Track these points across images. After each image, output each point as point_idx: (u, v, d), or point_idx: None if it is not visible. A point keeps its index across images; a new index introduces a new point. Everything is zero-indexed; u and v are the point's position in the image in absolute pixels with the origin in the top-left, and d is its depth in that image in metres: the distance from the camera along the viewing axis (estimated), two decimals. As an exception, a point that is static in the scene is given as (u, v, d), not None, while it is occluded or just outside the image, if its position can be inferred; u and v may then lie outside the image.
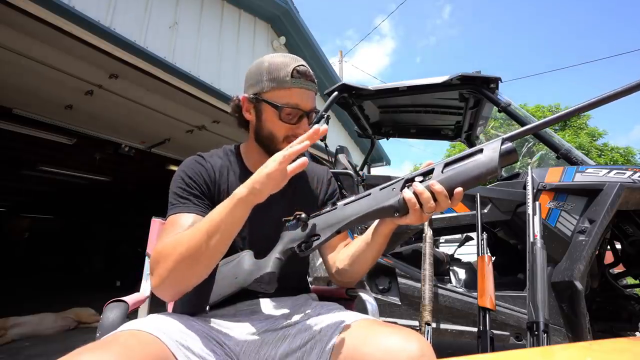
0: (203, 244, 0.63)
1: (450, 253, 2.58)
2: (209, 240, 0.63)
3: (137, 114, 4.39)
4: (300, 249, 0.73)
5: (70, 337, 3.37)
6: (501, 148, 0.61)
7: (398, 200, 0.66)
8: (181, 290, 0.67)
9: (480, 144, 0.64)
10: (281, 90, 0.80)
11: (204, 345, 0.65)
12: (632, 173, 1.69)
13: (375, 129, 2.97)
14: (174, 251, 0.64)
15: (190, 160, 0.85)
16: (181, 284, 0.66)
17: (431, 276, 1.66)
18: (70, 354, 0.50)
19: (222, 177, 0.84)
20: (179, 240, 0.65)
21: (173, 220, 0.74)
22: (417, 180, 0.66)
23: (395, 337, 0.59)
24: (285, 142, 0.81)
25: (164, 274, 0.64)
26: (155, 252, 0.67)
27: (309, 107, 0.82)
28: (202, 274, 0.66)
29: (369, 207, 0.69)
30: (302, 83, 0.80)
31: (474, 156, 0.63)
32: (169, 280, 0.64)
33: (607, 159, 12.26)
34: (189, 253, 0.63)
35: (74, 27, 2.68)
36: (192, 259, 0.63)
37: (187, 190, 0.79)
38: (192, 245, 0.63)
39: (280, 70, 0.80)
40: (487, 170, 0.60)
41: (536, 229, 1.54)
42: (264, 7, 4.86)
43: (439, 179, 0.63)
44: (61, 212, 13.43)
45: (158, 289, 0.66)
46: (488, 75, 2.06)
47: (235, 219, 0.65)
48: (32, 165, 6.47)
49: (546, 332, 1.31)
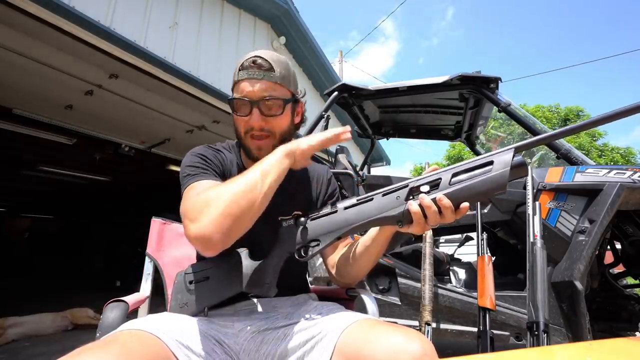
0: (259, 182, 0.66)
1: (450, 253, 2.58)
2: (264, 178, 0.67)
3: (137, 114, 4.39)
4: (299, 254, 0.72)
5: (70, 337, 3.36)
6: (512, 161, 0.58)
7: (402, 212, 0.64)
8: (231, 235, 0.64)
9: (491, 153, 0.61)
10: (234, 86, 0.82)
11: (204, 345, 0.65)
12: (632, 173, 1.69)
13: (375, 129, 2.97)
14: (227, 191, 0.65)
15: (202, 146, 0.86)
16: (235, 223, 0.63)
17: (431, 276, 1.66)
18: (70, 353, 0.50)
19: (232, 170, 0.85)
20: (230, 182, 0.67)
21: (199, 185, 0.72)
22: (423, 189, 0.63)
23: (398, 337, 0.59)
24: (248, 137, 0.82)
25: (216, 212, 0.62)
26: (194, 201, 0.66)
27: (256, 95, 0.79)
28: (255, 212, 0.66)
29: (371, 214, 0.67)
30: (249, 73, 0.79)
31: (483, 168, 0.60)
32: (222, 218, 0.62)
33: (608, 159, 12.25)
34: (248, 187, 0.65)
35: (74, 27, 2.68)
36: (251, 193, 0.65)
37: (206, 165, 0.79)
38: (249, 183, 0.66)
39: (236, 67, 0.82)
40: (496, 186, 0.58)
41: (536, 229, 1.54)
42: (264, 7, 4.85)
43: (447, 191, 0.61)
44: (61, 212, 13.42)
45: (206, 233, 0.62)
46: (488, 75, 2.05)
47: (283, 169, 0.70)
48: (32, 165, 6.47)
49: (546, 332, 1.31)
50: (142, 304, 0.95)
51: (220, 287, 0.75)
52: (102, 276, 9.80)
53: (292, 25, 5.23)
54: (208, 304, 0.75)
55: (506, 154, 0.59)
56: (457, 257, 2.76)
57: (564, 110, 14.21)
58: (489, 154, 0.61)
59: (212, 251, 0.64)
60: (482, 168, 0.60)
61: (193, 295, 0.76)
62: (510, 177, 0.57)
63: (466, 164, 0.62)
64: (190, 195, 0.70)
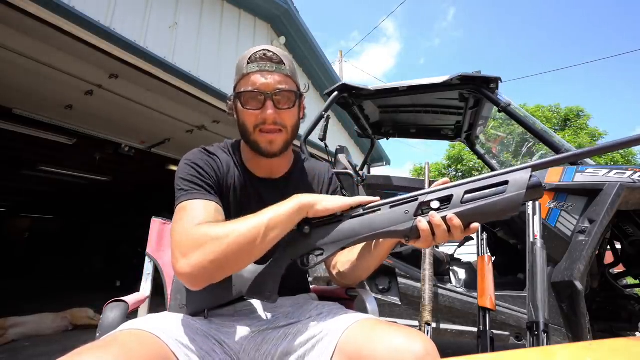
0: (261, 235, 0.63)
1: (450, 253, 2.58)
2: (268, 232, 0.64)
3: (137, 114, 4.39)
4: (302, 262, 0.71)
5: (70, 337, 3.36)
6: (529, 182, 0.55)
7: (411, 228, 0.62)
8: (216, 278, 0.64)
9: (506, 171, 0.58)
10: (242, 80, 0.80)
11: (204, 344, 0.65)
12: (632, 173, 1.69)
13: (375, 129, 2.97)
14: (226, 236, 0.62)
15: (197, 152, 0.83)
16: (224, 270, 0.64)
17: (431, 276, 1.67)
18: (70, 354, 0.50)
19: (229, 172, 0.84)
20: (233, 226, 0.64)
21: (191, 206, 0.71)
22: (433, 206, 0.62)
23: (400, 337, 0.59)
24: (257, 131, 0.80)
25: (209, 257, 0.61)
26: (190, 235, 0.64)
27: (270, 87, 0.77)
28: (247, 263, 0.66)
29: (379, 227, 0.65)
30: (260, 65, 0.78)
31: (498, 187, 0.58)
32: (212, 264, 0.62)
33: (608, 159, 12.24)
34: (246, 240, 0.62)
35: (74, 27, 2.68)
36: (249, 245, 0.63)
37: (199, 179, 0.76)
38: (251, 234, 0.63)
39: (242, 60, 0.81)
40: (510, 209, 0.56)
41: (536, 229, 1.54)
42: (264, 7, 4.86)
43: (458, 211, 0.59)
44: (61, 212, 13.42)
45: (194, 273, 0.62)
46: (488, 75, 2.05)
47: (291, 223, 0.66)
48: (32, 165, 6.47)
49: (546, 332, 1.31)
50: (142, 304, 0.95)
51: (220, 291, 0.74)
52: (102, 276, 9.79)
53: (292, 25, 5.23)
54: (207, 307, 0.75)
55: (523, 173, 0.57)
56: (457, 257, 2.76)
57: (564, 110, 14.21)
58: (504, 171, 0.58)
59: (195, 288, 0.65)
60: (497, 187, 0.58)
61: (192, 297, 0.76)
62: (525, 198, 0.55)
63: (479, 182, 0.60)
64: (185, 222, 0.68)
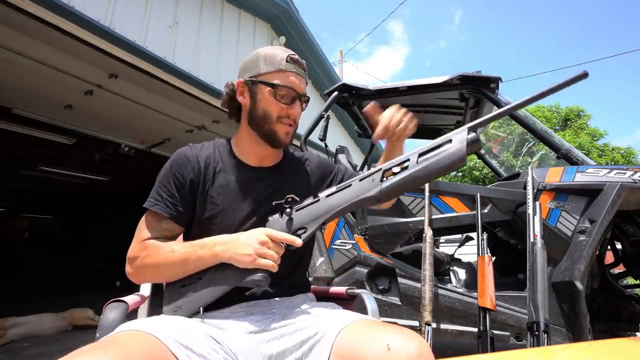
0: (176, 267, 0.76)
1: (450, 253, 2.58)
2: (183, 265, 0.76)
3: (137, 114, 4.39)
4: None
5: (70, 338, 3.36)
6: (467, 138, 0.67)
7: (379, 191, 0.70)
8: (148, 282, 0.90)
9: (449, 134, 0.69)
10: (277, 73, 0.86)
11: (204, 345, 0.65)
12: (632, 173, 1.69)
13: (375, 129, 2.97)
14: (151, 258, 0.77)
15: (179, 152, 0.88)
16: (149, 280, 0.89)
17: (431, 276, 1.66)
18: (70, 354, 0.50)
19: (207, 168, 0.86)
20: (158, 252, 0.77)
21: (150, 220, 0.82)
22: (395, 170, 0.70)
23: (394, 337, 0.59)
24: (279, 122, 0.87)
25: (137, 267, 0.78)
26: (136, 247, 0.79)
27: (302, 90, 0.88)
28: (168, 280, 0.81)
29: (352, 198, 0.73)
30: (296, 69, 0.87)
31: (444, 146, 0.68)
32: (139, 275, 0.79)
33: (608, 159, 12.22)
34: (163, 266, 0.76)
35: (74, 27, 2.68)
36: (165, 271, 0.78)
37: (167, 188, 0.83)
38: (168, 263, 0.76)
39: (276, 56, 0.86)
40: (457, 159, 0.66)
41: (536, 229, 1.54)
42: (264, 7, 4.85)
43: (415, 169, 0.69)
44: (61, 212, 13.43)
45: (130, 276, 0.80)
46: (488, 75, 2.05)
47: (205, 264, 0.76)
48: (32, 165, 6.47)
49: (546, 332, 1.31)
50: (141, 304, 0.95)
51: (212, 287, 0.75)
52: (101, 276, 9.78)
53: (292, 25, 5.23)
54: (202, 304, 0.75)
55: (462, 132, 0.68)
56: (457, 257, 2.76)
57: (565, 110, 14.17)
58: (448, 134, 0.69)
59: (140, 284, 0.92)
60: (443, 146, 0.68)
61: (186, 297, 0.76)
62: (468, 151, 0.66)
63: (430, 145, 0.70)
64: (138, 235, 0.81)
